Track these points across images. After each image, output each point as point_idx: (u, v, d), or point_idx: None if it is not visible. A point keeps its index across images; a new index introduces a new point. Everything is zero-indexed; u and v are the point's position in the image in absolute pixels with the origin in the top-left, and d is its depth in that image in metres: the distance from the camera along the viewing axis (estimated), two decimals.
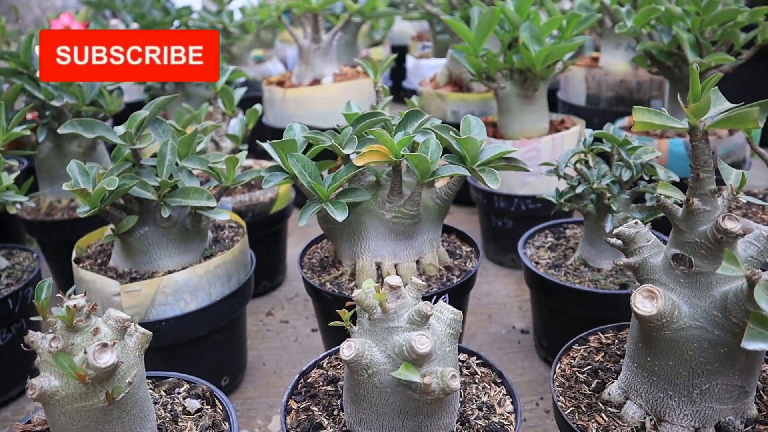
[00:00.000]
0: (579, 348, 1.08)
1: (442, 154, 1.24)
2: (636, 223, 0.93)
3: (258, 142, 1.35)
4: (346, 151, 1.20)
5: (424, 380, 0.80)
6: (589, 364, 1.02)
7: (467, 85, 2.23)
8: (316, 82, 2.23)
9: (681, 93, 1.76)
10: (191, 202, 1.22)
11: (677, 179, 1.31)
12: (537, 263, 1.39)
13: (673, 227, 0.86)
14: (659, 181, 0.88)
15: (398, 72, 3.36)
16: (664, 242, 0.92)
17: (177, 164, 1.28)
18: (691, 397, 0.85)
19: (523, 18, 1.69)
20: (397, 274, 1.27)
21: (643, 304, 0.84)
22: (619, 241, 0.93)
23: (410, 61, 2.81)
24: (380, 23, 3.36)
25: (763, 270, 0.79)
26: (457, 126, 1.27)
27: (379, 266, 1.26)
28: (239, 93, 1.79)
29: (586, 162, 1.35)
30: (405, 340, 0.82)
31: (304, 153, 1.24)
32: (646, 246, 0.91)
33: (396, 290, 0.86)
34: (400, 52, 3.56)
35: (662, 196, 0.86)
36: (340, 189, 1.24)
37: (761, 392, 0.95)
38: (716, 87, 0.83)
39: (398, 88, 3.29)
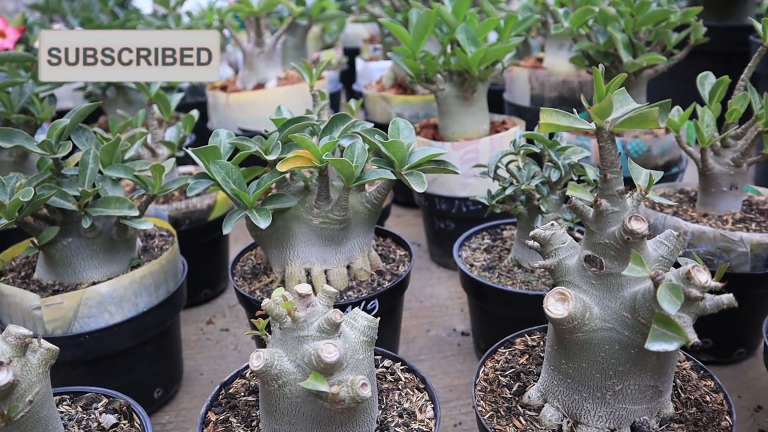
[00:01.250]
0: (504, 351, 1.07)
1: (373, 158, 1.24)
2: (552, 224, 0.92)
3: (184, 149, 1.33)
4: (270, 157, 1.18)
5: (332, 390, 0.79)
6: (512, 367, 1.02)
7: (411, 88, 2.22)
8: (259, 86, 2.21)
9: None
10: (112, 212, 1.19)
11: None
12: (472, 266, 1.38)
13: (586, 228, 0.86)
14: (570, 183, 0.87)
15: (351, 74, 3.35)
16: None
17: (101, 173, 1.25)
18: (604, 399, 0.85)
19: (460, 20, 1.69)
20: (327, 280, 1.25)
21: (555, 306, 0.83)
22: (536, 243, 0.93)
23: (359, 64, 2.80)
24: (332, 26, 3.34)
25: (678, 267, 0.80)
26: None
27: (309, 272, 1.25)
28: (176, 98, 1.76)
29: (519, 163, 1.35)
30: (314, 349, 0.81)
31: (230, 159, 1.22)
32: (562, 248, 0.90)
33: (305, 299, 0.84)
34: (353, 54, 3.55)
35: (574, 198, 0.86)
36: (268, 194, 1.23)
37: (679, 390, 0.95)
38: (623, 88, 0.83)
39: (351, 91, 3.28)
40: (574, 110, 0.85)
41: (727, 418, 0.90)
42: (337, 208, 1.20)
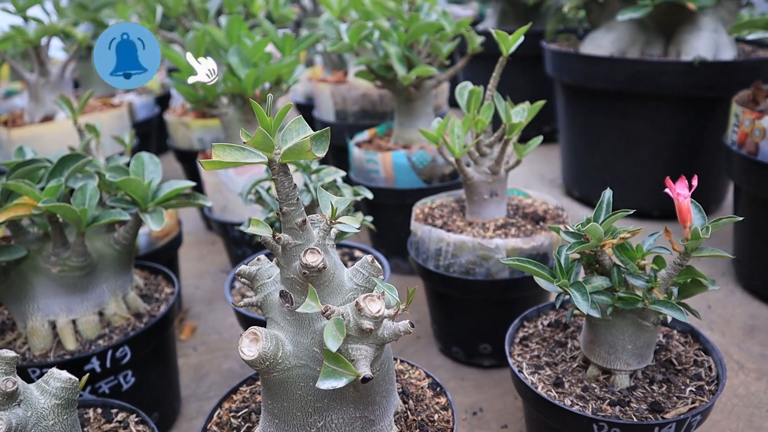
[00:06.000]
0: (246, 388, 1.04)
1: (112, 198, 1.18)
2: (258, 259, 0.89)
3: None
4: None
5: None
6: (247, 407, 0.98)
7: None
8: (48, 119, 2.08)
9: (401, 105, 1.79)
10: None
11: (370, 196, 1.31)
12: (244, 296, 1.34)
13: (278, 263, 0.84)
14: (252, 218, 0.85)
15: None
16: None
17: None
18: None
19: (232, 42, 1.65)
20: (76, 330, 1.18)
21: (248, 347, 0.80)
22: (245, 279, 0.90)
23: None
24: None
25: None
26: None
27: (54, 324, 1.17)
28: None
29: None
30: None
31: None
32: (268, 282, 0.87)
33: None
34: None
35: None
36: None
37: (408, 412, 0.95)
38: (301, 116, 0.81)
39: None
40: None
41: None
42: (74, 254, 1.14)
